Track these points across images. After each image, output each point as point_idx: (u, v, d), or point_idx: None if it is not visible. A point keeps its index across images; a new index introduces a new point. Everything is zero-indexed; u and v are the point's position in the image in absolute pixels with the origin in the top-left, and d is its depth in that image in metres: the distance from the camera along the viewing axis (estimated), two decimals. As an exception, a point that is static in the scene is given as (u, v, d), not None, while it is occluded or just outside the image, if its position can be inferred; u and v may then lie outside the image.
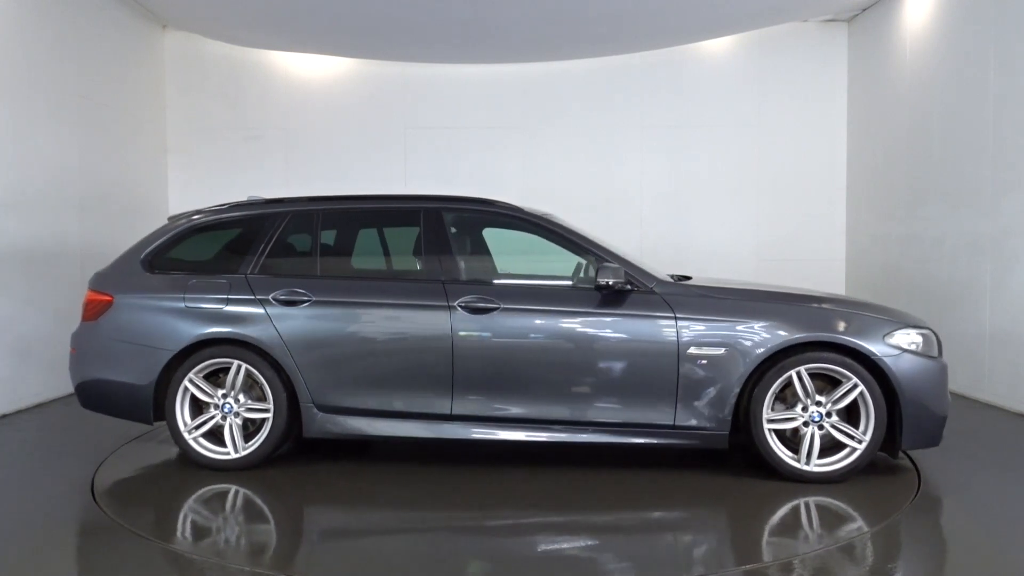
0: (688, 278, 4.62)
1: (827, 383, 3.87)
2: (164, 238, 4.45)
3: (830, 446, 3.85)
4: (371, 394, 4.09)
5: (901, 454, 4.25)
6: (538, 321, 4.00)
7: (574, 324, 3.98)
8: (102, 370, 4.26)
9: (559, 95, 8.38)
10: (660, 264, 5.58)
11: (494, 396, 4.02)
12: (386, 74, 8.39)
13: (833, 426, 3.82)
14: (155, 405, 4.19)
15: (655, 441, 3.93)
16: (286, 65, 8.39)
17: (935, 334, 3.98)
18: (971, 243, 6.02)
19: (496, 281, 4.30)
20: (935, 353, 3.90)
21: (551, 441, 3.98)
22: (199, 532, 3.43)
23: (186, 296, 4.21)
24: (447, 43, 7.68)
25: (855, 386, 3.78)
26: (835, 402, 3.80)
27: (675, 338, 3.87)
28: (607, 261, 4.01)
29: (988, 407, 5.69)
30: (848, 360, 3.78)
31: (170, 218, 4.64)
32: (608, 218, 8.12)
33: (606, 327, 3.96)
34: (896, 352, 3.79)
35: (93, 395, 4.32)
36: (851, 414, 3.86)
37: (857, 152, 8.07)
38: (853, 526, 3.31)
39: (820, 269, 8.21)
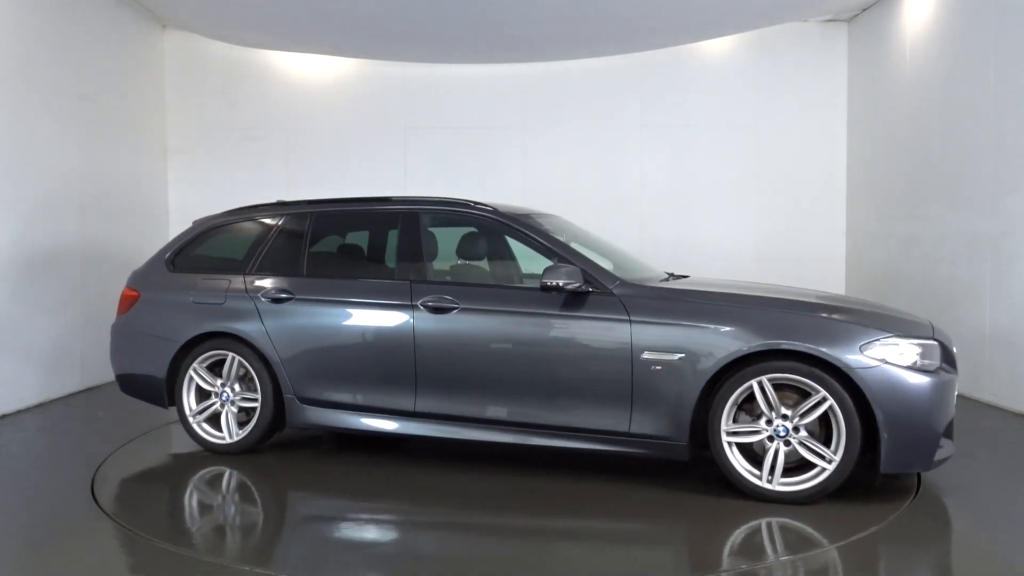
0: (685, 277, 4.63)
1: (802, 396, 3.52)
2: (185, 239, 4.89)
3: (803, 464, 3.52)
4: (344, 388, 4.26)
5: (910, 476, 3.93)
6: (495, 322, 3.98)
7: (529, 326, 3.90)
8: (131, 358, 4.75)
9: (559, 95, 8.38)
10: (660, 264, 5.62)
11: (453, 395, 4.06)
12: (386, 74, 8.39)
13: (801, 442, 3.48)
14: (168, 391, 4.59)
15: (611, 448, 3.76)
16: (286, 65, 8.39)
17: (942, 345, 3.57)
18: (971, 243, 6.01)
19: (460, 281, 4.26)
20: (934, 367, 3.47)
21: (507, 442, 3.94)
22: (198, 531, 3.43)
23: (194, 293, 4.57)
24: (447, 43, 7.68)
25: (824, 400, 3.42)
26: (802, 416, 3.47)
27: (628, 341, 3.68)
28: (565, 262, 3.89)
29: (988, 407, 5.69)
30: (817, 371, 3.43)
31: (195, 222, 5.00)
32: (608, 218, 8.11)
33: (560, 329, 3.84)
34: (874, 364, 3.38)
35: (126, 381, 4.81)
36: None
37: (857, 152, 8.07)
38: (850, 527, 3.29)
39: (820, 269, 8.20)
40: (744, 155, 8.30)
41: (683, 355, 3.60)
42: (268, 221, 4.71)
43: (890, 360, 3.41)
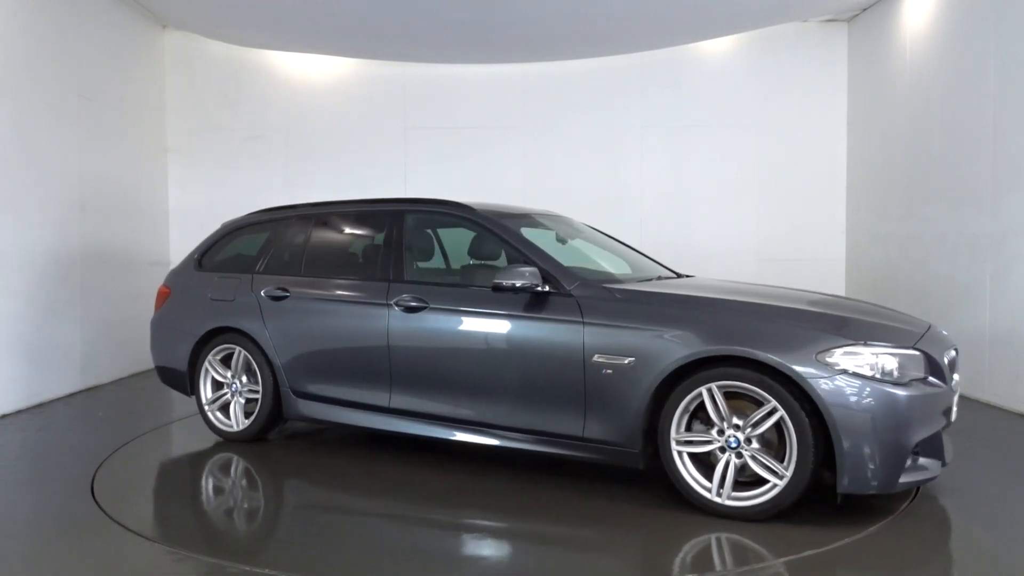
0: (690, 277, 4.66)
1: (759, 406, 3.29)
2: (212, 240, 5.23)
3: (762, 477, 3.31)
4: (331, 383, 4.43)
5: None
6: (459, 321, 3.99)
7: (491, 326, 3.88)
8: (163, 350, 5.13)
9: (559, 95, 8.39)
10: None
11: (422, 392, 4.12)
12: (386, 74, 8.40)
13: (752, 456, 3.28)
14: (190, 381, 4.94)
15: (565, 452, 3.69)
16: (286, 65, 8.39)
17: (926, 355, 3.32)
18: (971, 243, 6.02)
19: (432, 281, 4.29)
20: (907, 378, 3.21)
21: (470, 442, 3.96)
22: (198, 530, 3.43)
23: (211, 291, 4.90)
24: (447, 43, 7.68)
25: (775, 410, 3.20)
26: (754, 426, 3.26)
27: (580, 344, 3.60)
28: (524, 262, 3.86)
29: (988, 407, 5.69)
30: (767, 380, 3.21)
31: (223, 224, 5.33)
32: (608, 218, 8.11)
33: (519, 330, 3.79)
34: (830, 373, 3.13)
35: (161, 372, 5.17)
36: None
37: (857, 152, 8.07)
38: (849, 527, 3.28)
39: (820, 269, 8.21)
40: (744, 155, 8.31)
41: (633, 359, 3.47)
42: (279, 223, 4.96)
43: (850, 369, 3.15)
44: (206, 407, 4.86)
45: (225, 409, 4.84)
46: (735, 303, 3.58)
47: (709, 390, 3.33)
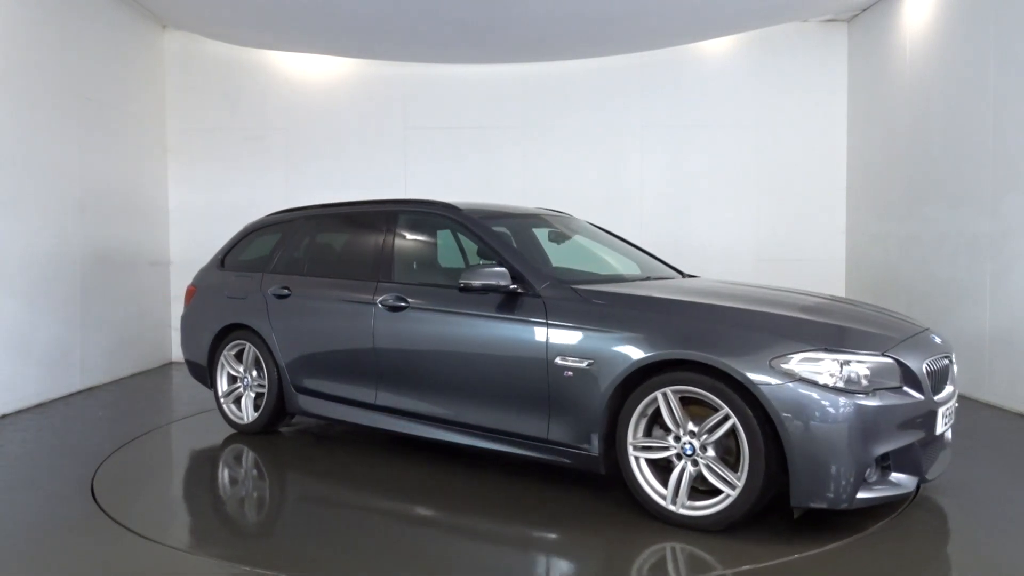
0: (695, 277, 4.68)
1: (715, 412, 3.19)
2: (234, 241, 5.44)
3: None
4: (325, 379, 4.56)
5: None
6: (436, 321, 4.04)
7: (464, 326, 3.91)
8: (188, 346, 5.38)
9: (559, 95, 8.38)
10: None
11: (403, 390, 4.19)
12: (386, 74, 8.39)
13: (707, 464, 3.17)
14: (209, 374, 5.18)
15: (531, 454, 3.69)
16: (286, 65, 8.39)
17: (899, 363, 3.16)
18: (971, 243, 6.01)
19: (416, 281, 4.31)
20: (876, 387, 3.05)
21: (444, 440, 4.00)
22: (200, 531, 3.44)
23: (228, 289, 5.13)
24: (447, 43, 7.68)
25: (727, 417, 3.09)
26: (708, 433, 3.16)
27: (544, 345, 3.59)
28: (496, 262, 3.86)
29: (988, 407, 5.69)
30: (720, 385, 3.10)
31: (245, 225, 5.52)
32: (608, 218, 8.06)
33: (490, 330, 3.80)
34: (783, 380, 2.99)
35: (189, 366, 5.41)
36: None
37: (857, 152, 8.07)
38: (850, 527, 3.28)
39: (820, 269, 8.21)
40: (744, 155, 8.30)
41: (592, 361, 3.44)
42: (289, 223, 5.13)
43: (806, 377, 3.00)
44: (221, 399, 5.10)
45: (239, 402, 5.06)
46: (695, 305, 3.47)
47: (664, 395, 3.25)
